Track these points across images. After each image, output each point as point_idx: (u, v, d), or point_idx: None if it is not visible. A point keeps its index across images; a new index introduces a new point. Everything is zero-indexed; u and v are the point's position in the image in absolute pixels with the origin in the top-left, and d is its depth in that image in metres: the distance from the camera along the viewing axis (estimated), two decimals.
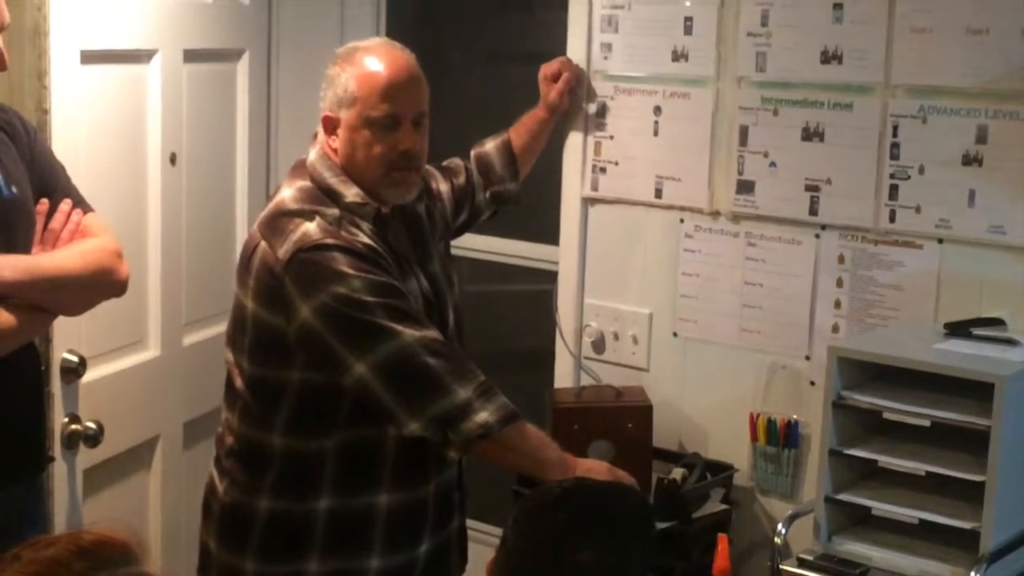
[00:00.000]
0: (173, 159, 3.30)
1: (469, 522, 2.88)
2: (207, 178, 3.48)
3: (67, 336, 2.91)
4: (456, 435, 2.48)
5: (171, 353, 3.36)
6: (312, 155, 2.64)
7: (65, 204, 2.54)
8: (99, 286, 2.57)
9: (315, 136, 2.67)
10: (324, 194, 2.58)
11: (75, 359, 2.94)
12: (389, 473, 2.60)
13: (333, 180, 2.59)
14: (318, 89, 2.65)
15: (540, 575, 1.98)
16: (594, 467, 2.58)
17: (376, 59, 2.59)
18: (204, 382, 3.30)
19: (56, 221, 2.52)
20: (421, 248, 2.71)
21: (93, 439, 2.98)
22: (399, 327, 2.46)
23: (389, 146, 2.58)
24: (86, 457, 3.01)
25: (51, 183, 2.56)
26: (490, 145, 3.17)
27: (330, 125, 2.60)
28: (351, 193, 2.57)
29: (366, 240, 2.53)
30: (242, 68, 3.61)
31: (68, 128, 2.90)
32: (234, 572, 2.64)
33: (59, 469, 2.91)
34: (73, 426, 2.95)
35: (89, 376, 3.00)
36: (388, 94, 2.57)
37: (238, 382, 2.63)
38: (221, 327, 2.73)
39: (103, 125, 3.07)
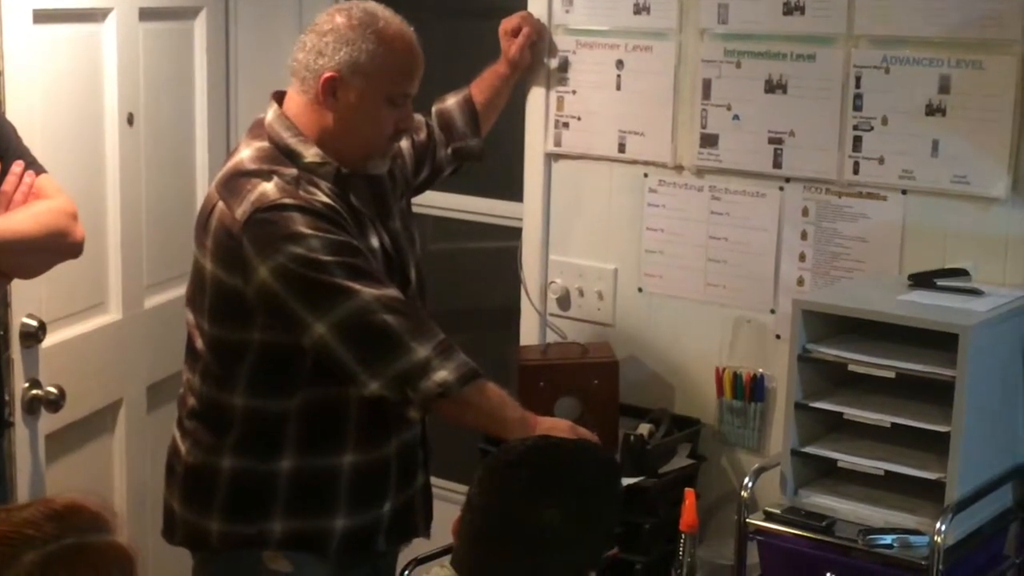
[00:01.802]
0: (131, 120, 3.26)
1: (435, 480, 2.87)
2: (166, 139, 3.45)
3: (26, 300, 2.88)
4: (415, 394, 2.46)
5: (133, 316, 3.33)
6: (270, 115, 2.60)
7: (17, 166, 2.51)
8: (54, 248, 2.54)
9: (274, 96, 2.63)
10: (282, 154, 2.55)
11: (35, 323, 2.90)
12: (352, 432, 2.59)
13: (292, 140, 2.55)
14: (277, 45, 2.62)
15: (506, 535, 1.98)
16: (556, 425, 2.57)
17: (401, 35, 2.55)
18: (167, 345, 3.27)
19: (8, 183, 2.49)
20: (383, 206, 2.69)
21: (55, 404, 2.95)
22: (357, 286, 2.44)
23: (395, 121, 2.58)
24: (48, 422, 2.98)
25: (2, 145, 2.52)
26: (451, 101, 3.14)
27: (332, 86, 2.52)
28: (310, 153, 2.54)
29: (324, 199, 2.50)
30: (199, 26, 3.57)
31: (22, 89, 2.85)
32: (199, 532, 2.63)
33: (21, 435, 2.89)
34: (34, 391, 2.92)
35: (49, 340, 2.97)
36: (412, 73, 2.58)
37: (199, 343, 2.61)
38: (183, 289, 2.70)
39: (58, 86, 3.03)
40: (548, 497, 1.98)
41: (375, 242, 2.59)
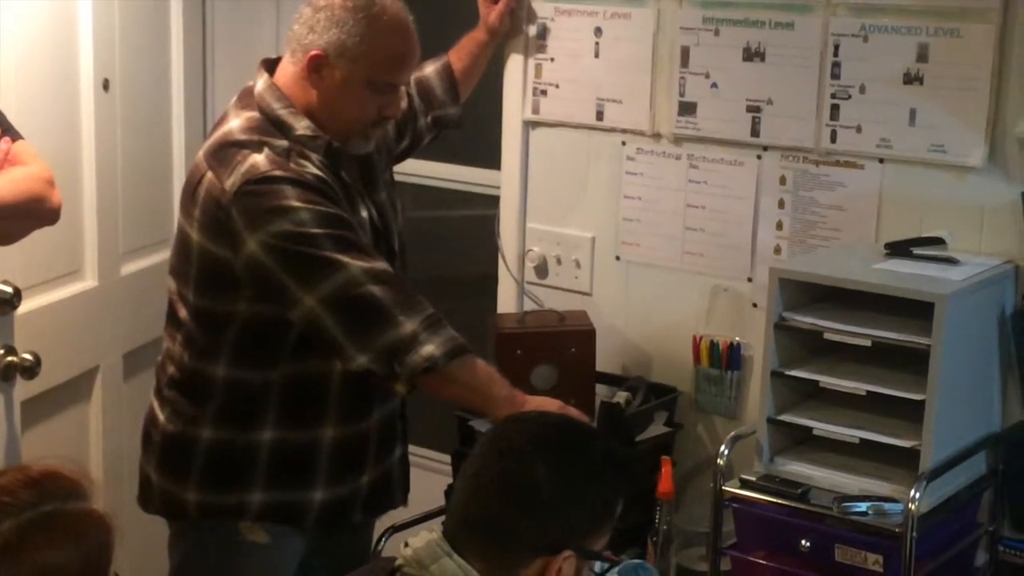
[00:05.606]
0: (106, 85, 3.23)
1: (413, 449, 2.88)
2: (142, 104, 3.42)
3: (1, 267, 2.85)
4: (402, 368, 2.43)
5: (109, 283, 3.31)
6: (260, 85, 2.57)
7: None
8: (31, 215, 2.53)
9: (263, 64, 2.61)
10: (273, 125, 2.52)
11: (9, 290, 2.88)
12: (334, 406, 2.58)
13: (283, 112, 2.53)
14: (254, 11, 2.59)
15: (494, 480, 1.93)
16: (545, 404, 2.54)
17: (395, 23, 2.53)
18: (143, 312, 3.26)
19: None
20: (370, 178, 2.67)
21: (30, 371, 2.93)
22: (346, 258, 2.42)
23: (378, 108, 2.56)
24: (24, 389, 2.96)
25: None
26: (430, 69, 3.13)
27: (317, 64, 2.50)
28: (301, 126, 2.52)
29: (315, 171, 2.48)
30: None
31: None
32: (176, 502, 2.62)
33: None
34: (9, 358, 2.89)
35: (25, 307, 2.94)
36: (400, 65, 2.56)
37: (182, 312, 2.59)
38: (160, 256, 2.70)
39: (32, 51, 3.00)
40: (544, 452, 1.95)
41: (364, 215, 2.58)
